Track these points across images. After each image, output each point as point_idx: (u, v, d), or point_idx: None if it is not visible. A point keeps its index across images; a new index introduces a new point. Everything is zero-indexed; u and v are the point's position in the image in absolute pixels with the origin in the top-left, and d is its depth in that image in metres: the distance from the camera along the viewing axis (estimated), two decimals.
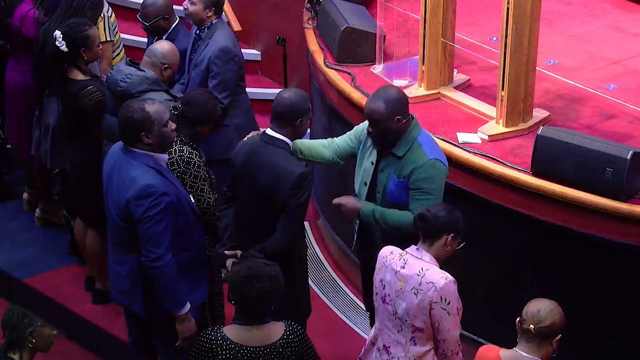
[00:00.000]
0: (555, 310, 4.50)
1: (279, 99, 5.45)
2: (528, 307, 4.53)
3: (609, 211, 5.58)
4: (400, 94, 5.43)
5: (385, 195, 5.41)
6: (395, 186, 5.37)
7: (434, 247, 4.88)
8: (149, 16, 7.00)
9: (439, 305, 4.77)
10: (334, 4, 7.18)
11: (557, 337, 4.51)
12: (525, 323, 4.49)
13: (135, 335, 5.64)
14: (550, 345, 4.51)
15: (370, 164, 5.47)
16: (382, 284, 4.95)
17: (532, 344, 4.50)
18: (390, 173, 5.38)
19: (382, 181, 5.42)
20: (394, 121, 5.29)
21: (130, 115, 5.18)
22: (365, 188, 5.50)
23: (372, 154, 5.48)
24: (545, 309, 4.49)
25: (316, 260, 7.45)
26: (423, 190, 5.29)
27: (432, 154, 5.34)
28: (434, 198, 5.30)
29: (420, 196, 5.30)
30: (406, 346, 4.91)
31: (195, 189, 5.65)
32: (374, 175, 5.46)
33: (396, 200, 5.38)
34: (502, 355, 4.58)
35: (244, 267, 4.58)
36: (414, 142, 5.35)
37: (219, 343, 4.55)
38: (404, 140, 5.36)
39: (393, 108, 5.29)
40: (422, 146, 5.35)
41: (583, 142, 5.67)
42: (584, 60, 7.04)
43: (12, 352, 5.19)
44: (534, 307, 4.51)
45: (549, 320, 4.47)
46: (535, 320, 4.47)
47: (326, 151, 5.68)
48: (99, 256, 6.81)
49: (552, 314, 4.48)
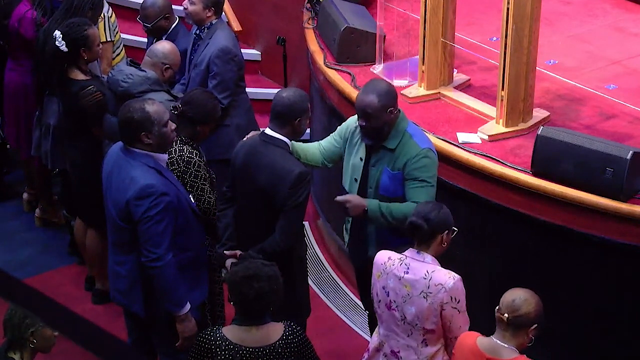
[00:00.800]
0: (531, 300, 4.49)
1: (278, 99, 5.45)
2: (504, 296, 4.54)
3: (609, 211, 5.58)
4: (389, 86, 5.49)
5: (378, 190, 5.43)
6: (389, 179, 5.40)
7: (432, 247, 4.89)
8: (149, 17, 7.00)
9: (450, 305, 4.79)
10: (334, 4, 7.17)
11: (532, 327, 4.50)
12: (500, 311, 4.51)
13: (135, 335, 5.64)
14: (525, 334, 4.51)
15: (359, 160, 5.50)
16: (385, 291, 4.94)
17: (506, 332, 4.51)
18: (384, 167, 5.41)
19: (375, 175, 5.44)
20: (386, 113, 5.34)
21: (130, 115, 5.17)
22: (356, 184, 5.52)
23: (360, 149, 5.50)
24: (520, 299, 4.49)
25: (316, 260, 7.45)
26: (420, 179, 5.34)
27: (423, 144, 5.40)
28: (430, 185, 5.36)
29: (419, 184, 5.34)
30: (418, 349, 4.91)
31: (196, 188, 5.65)
32: (364, 171, 5.48)
33: (390, 193, 5.41)
34: (478, 342, 4.60)
35: (243, 267, 4.58)
36: (404, 134, 5.40)
37: (218, 343, 4.55)
38: (394, 132, 5.40)
39: (385, 101, 5.34)
40: (413, 137, 5.40)
41: (583, 142, 5.67)
42: (584, 60, 7.04)
43: (13, 352, 5.18)
44: (509, 296, 4.52)
45: (523, 310, 4.47)
46: (509, 309, 4.47)
47: (317, 154, 5.71)
48: (99, 256, 6.81)
49: (526, 304, 4.48)
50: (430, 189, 5.36)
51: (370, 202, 5.43)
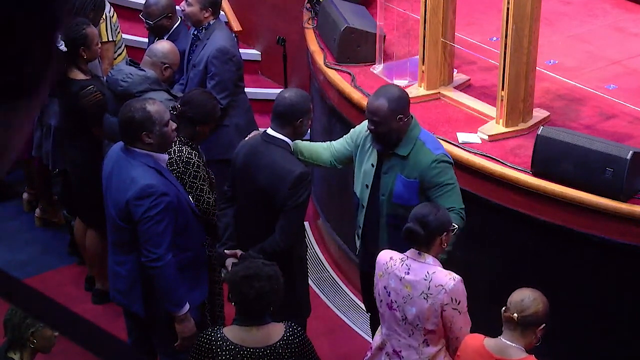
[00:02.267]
0: (539, 300, 4.51)
1: (279, 99, 5.44)
2: (512, 296, 4.55)
3: (609, 211, 5.58)
4: (402, 93, 5.41)
5: (392, 198, 5.35)
6: (404, 187, 5.32)
7: (432, 249, 4.87)
8: (152, 15, 6.99)
9: (450, 306, 4.78)
10: (334, 4, 7.17)
11: (540, 327, 4.51)
12: (508, 311, 4.51)
13: (135, 335, 5.64)
14: (533, 334, 4.52)
15: (371, 166, 5.43)
16: (386, 291, 4.93)
17: (515, 332, 4.51)
18: (396, 174, 5.33)
19: (388, 183, 5.36)
20: (395, 120, 5.25)
21: (131, 114, 5.17)
22: (367, 191, 5.44)
23: (372, 155, 5.43)
24: (528, 298, 4.50)
25: (316, 260, 7.45)
26: (443, 184, 5.27)
27: (437, 151, 5.33)
28: (455, 186, 5.30)
29: (445, 189, 5.26)
30: (419, 349, 4.91)
31: (195, 189, 5.65)
32: (375, 178, 5.42)
33: (404, 201, 5.30)
34: (486, 343, 4.61)
35: (243, 267, 4.59)
36: (416, 141, 5.32)
37: (218, 344, 4.54)
38: (406, 139, 5.32)
39: (396, 107, 5.26)
40: (425, 144, 5.32)
41: (583, 142, 5.67)
42: (584, 60, 7.03)
43: (13, 352, 5.18)
44: (517, 296, 4.53)
45: (532, 309, 4.48)
46: (518, 309, 4.48)
47: (325, 154, 5.65)
48: (99, 256, 6.81)
49: (535, 303, 4.49)
50: (456, 188, 5.30)
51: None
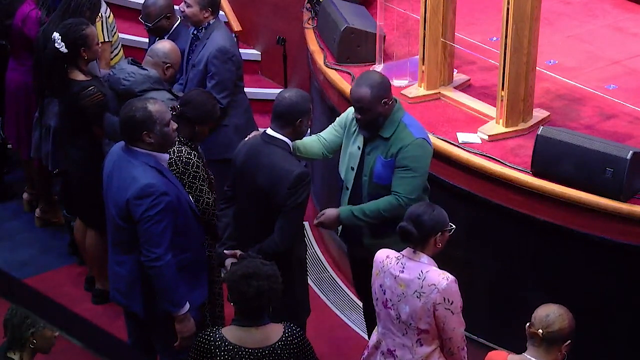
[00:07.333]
0: (565, 316, 4.44)
1: (279, 99, 5.45)
2: (537, 311, 4.47)
3: (609, 211, 5.58)
4: (383, 78, 5.51)
5: (372, 178, 5.46)
6: (382, 167, 5.42)
7: (427, 248, 4.85)
8: (151, 17, 6.99)
9: (443, 306, 4.76)
10: (334, 4, 7.18)
11: (566, 343, 4.44)
12: (533, 327, 4.43)
13: (135, 335, 5.64)
14: (559, 351, 4.44)
15: (357, 149, 5.53)
16: (382, 289, 4.93)
17: (539, 348, 4.44)
18: (377, 155, 5.44)
19: (369, 163, 5.47)
20: (381, 104, 5.36)
21: (133, 114, 5.17)
22: (352, 173, 5.55)
23: (358, 138, 5.54)
24: (554, 314, 4.43)
25: (316, 260, 7.45)
26: (408, 168, 5.36)
27: (418, 134, 5.42)
28: (418, 176, 5.37)
29: (405, 174, 5.36)
30: (413, 348, 4.89)
31: (194, 189, 5.65)
32: (361, 160, 5.51)
33: (383, 181, 5.43)
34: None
35: (242, 266, 4.58)
36: (399, 124, 5.42)
37: (217, 344, 4.54)
38: (390, 121, 5.42)
39: (378, 92, 5.36)
40: (408, 127, 5.42)
41: (583, 142, 5.67)
42: (584, 60, 7.04)
43: (13, 352, 5.18)
44: (542, 312, 4.45)
45: (557, 325, 4.41)
46: (543, 325, 4.41)
47: (316, 146, 5.71)
48: (99, 256, 6.80)
49: (560, 319, 4.42)
50: (417, 180, 5.36)
51: (342, 210, 5.50)
